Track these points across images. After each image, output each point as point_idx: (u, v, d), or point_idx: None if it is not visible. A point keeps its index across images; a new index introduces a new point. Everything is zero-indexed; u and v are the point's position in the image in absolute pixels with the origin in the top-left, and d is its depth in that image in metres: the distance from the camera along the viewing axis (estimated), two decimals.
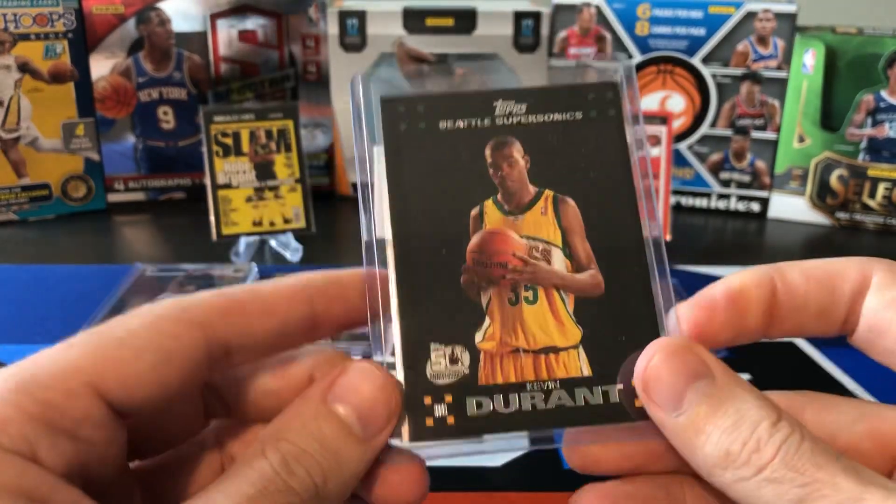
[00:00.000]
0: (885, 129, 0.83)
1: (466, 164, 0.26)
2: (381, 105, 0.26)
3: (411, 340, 0.24)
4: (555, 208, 0.26)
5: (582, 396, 0.24)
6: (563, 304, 0.25)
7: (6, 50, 0.80)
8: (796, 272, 0.25)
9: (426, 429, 0.23)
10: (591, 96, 0.27)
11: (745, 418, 0.21)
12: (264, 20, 0.88)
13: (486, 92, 0.27)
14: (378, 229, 0.25)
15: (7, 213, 0.84)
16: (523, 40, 0.88)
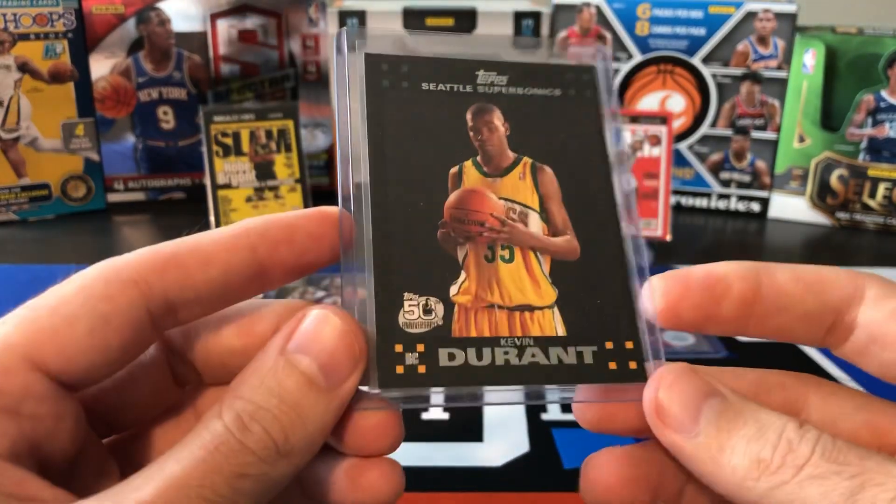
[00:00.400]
0: (885, 129, 0.83)
1: (447, 125, 0.26)
2: (365, 61, 0.26)
3: (384, 288, 0.23)
4: (533, 175, 0.27)
5: (556, 355, 0.24)
6: (538, 265, 0.25)
7: (6, 50, 0.80)
8: (786, 273, 0.25)
9: (396, 376, 0.22)
10: (570, 76, 0.28)
11: (767, 425, 0.21)
12: (264, 20, 0.88)
13: (469, 60, 0.27)
14: (355, 178, 0.25)
15: (7, 213, 0.84)
16: None
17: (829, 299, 0.24)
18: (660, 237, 0.77)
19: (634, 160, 0.78)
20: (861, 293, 0.24)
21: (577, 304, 0.25)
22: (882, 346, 0.24)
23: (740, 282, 0.24)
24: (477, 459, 0.46)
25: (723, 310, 0.24)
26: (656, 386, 0.22)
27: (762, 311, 0.24)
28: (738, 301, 0.24)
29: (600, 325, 0.25)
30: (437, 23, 0.87)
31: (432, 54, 0.27)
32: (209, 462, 0.19)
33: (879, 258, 0.80)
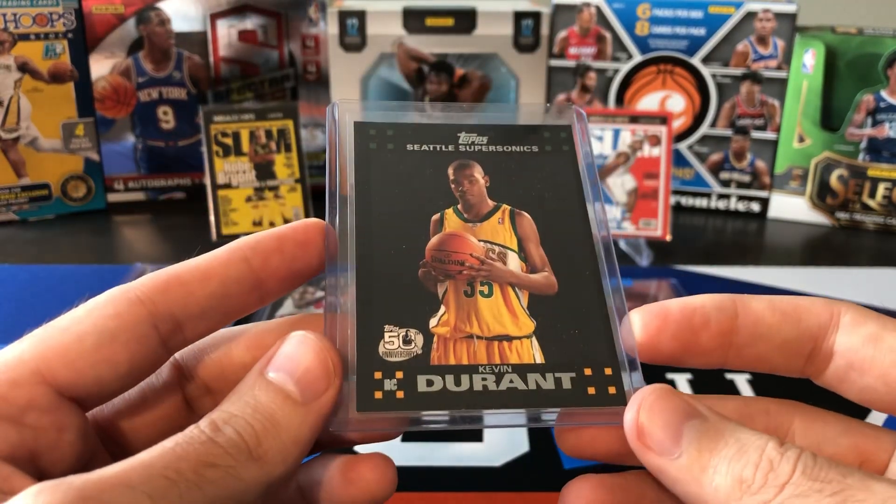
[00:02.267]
0: (885, 129, 0.83)
1: (430, 178, 0.29)
2: (354, 128, 0.29)
3: (365, 320, 0.25)
4: (511, 219, 0.28)
5: (534, 381, 0.25)
6: (517, 299, 0.26)
7: (6, 50, 0.80)
8: (762, 303, 0.25)
9: (374, 401, 0.23)
10: (547, 135, 0.30)
11: (748, 444, 0.21)
12: (264, 20, 0.88)
13: (451, 124, 0.30)
14: (341, 224, 0.27)
15: (7, 213, 0.84)
16: (523, 40, 0.88)
17: (805, 327, 0.25)
18: (660, 237, 0.77)
19: (634, 160, 0.78)
20: (836, 320, 0.25)
21: (555, 334, 0.26)
22: (860, 371, 0.24)
23: (717, 312, 0.25)
24: (477, 459, 0.46)
25: (702, 341, 0.25)
26: (637, 408, 0.23)
27: (740, 342, 0.25)
28: (717, 332, 0.25)
29: (579, 353, 0.25)
30: (437, 23, 0.87)
31: (417, 121, 0.30)
32: (177, 451, 0.20)
33: (879, 258, 0.80)
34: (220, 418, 0.21)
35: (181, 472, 0.19)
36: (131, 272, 0.69)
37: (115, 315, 0.23)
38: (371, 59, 0.88)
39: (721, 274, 0.74)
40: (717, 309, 0.25)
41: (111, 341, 0.22)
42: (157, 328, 0.23)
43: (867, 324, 0.24)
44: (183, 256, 0.26)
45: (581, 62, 0.89)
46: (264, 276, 0.25)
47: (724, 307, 0.25)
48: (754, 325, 0.25)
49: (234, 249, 0.25)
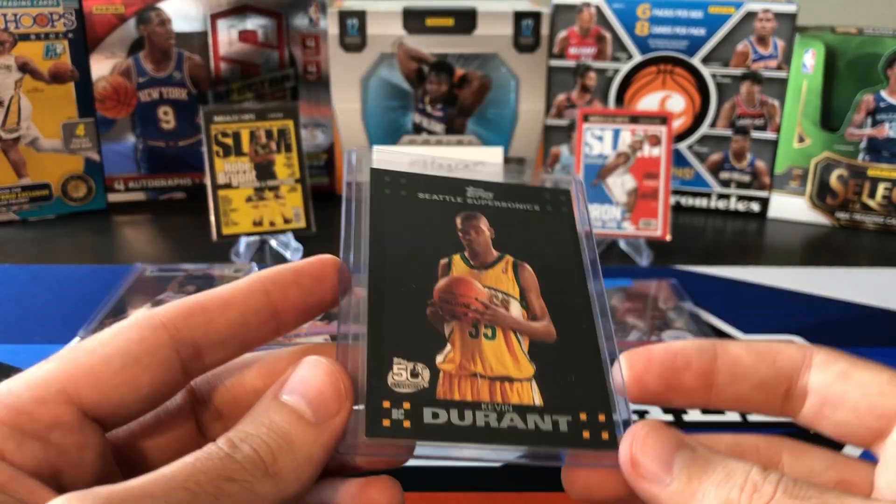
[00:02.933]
0: (884, 129, 0.83)
1: (439, 226, 0.31)
2: (371, 174, 0.31)
3: (376, 352, 0.26)
4: (514, 270, 0.30)
5: (533, 421, 0.26)
6: (518, 343, 0.28)
7: (6, 50, 0.80)
8: (740, 346, 0.27)
9: (382, 428, 0.25)
10: (548, 196, 0.33)
11: (734, 471, 0.23)
12: (264, 20, 0.88)
13: (460, 179, 0.32)
14: (356, 263, 0.29)
15: (7, 212, 0.84)
16: (523, 40, 0.88)
17: (780, 367, 0.27)
18: (659, 237, 0.77)
19: (634, 160, 0.78)
20: (809, 360, 0.27)
21: (553, 379, 0.27)
22: (833, 406, 0.26)
23: (698, 355, 0.27)
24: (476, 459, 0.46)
25: (684, 380, 0.27)
26: (630, 441, 0.25)
27: (721, 381, 0.27)
28: (698, 372, 0.27)
29: (575, 398, 0.27)
30: (437, 23, 0.87)
31: (429, 173, 0.32)
32: (197, 465, 0.21)
33: (879, 258, 0.80)
34: (236, 437, 0.22)
35: (201, 485, 0.20)
36: (131, 272, 0.69)
37: (139, 339, 0.24)
38: (371, 59, 0.88)
39: (721, 274, 0.74)
40: (698, 351, 0.27)
41: (135, 364, 0.23)
42: (178, 353, 0.24)
43: (837, 362, 0.26)
44: (183, 256, 0.26)
45: (581, 62, 0.89)
46: (282, 308, 0.27)
47: (704, 350, 0.27)
48: (733, 366, 0.27)
49: (254, 281, 0.26)
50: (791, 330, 0.63)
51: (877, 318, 0.66)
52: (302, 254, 0.75)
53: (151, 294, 0.64)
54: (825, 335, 0.62)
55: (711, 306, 0.66)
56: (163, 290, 0.65)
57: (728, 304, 0.67)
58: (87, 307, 0.63)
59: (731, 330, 0.63)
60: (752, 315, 0.65)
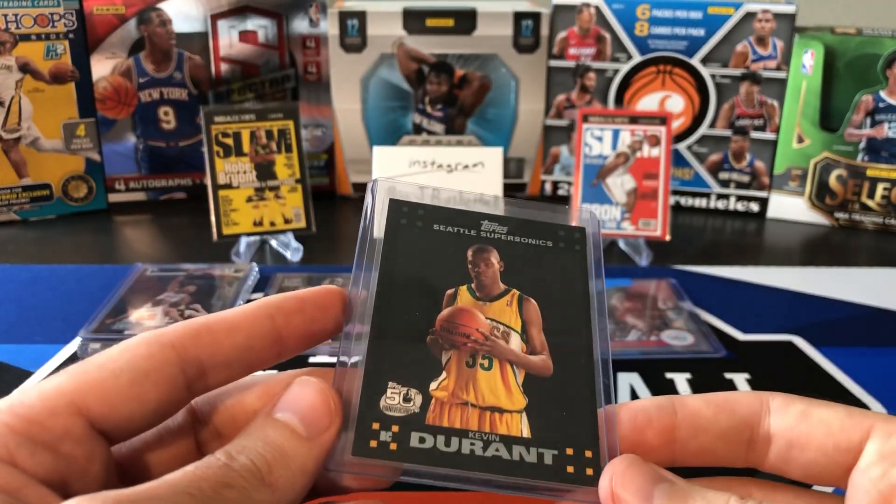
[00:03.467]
0: (883, 130, 0.83)
1: (450, 257, 0.31)
2: (389, 204, 0.32)
3: (372, 374, 0.27)
4: (519, 304, 0.31)
5: (518, 453, 0.27)
6: (514, 376, 0.29)
7: (7, 50, 0.81)
8: (696, 399, 0.28)
9: (369, 448, 0.26)
10: (562, 233, 0.33)
11: (713, 500, 0.23)
12: (265, 21, 0.88)
13: (476, 213, 0.33)
14: (364, 287, 0.29)
15: (8, 213, 0.85)
16: (523, 41, 0.88)
17: (740, 415, 0.27)
18: (659, 237, 0.77)
19: (634, 160, 0.78)
20: (766, 406, 0.27)
21: (544, 413, 0.28)
22: (800, 448, 0.26)
23: (657, 411, 0.27)
24: None
25: (648, 439, 0.27)
26: (610, 475, 0.25)
27: (683, 436, 0.27)
28: (659, 430, 0.27)
29: (563, 433, 0.27)
30: (437, 23, 0.87)
31: (447, 205, 0.33)
32: (198, 473, 0.22)
33: (878, 258, 0.80)
34: (234, 449, 0.24)
35: (202, 490, 0.22)
36: (132, 272, 0.69)
37: (147, 356, 0.25)
38: (371, 59, 0.89)
39: (720, 274, 0.74)
40: (657, 408, 0.27)
41: (143, 380, 0.24)
42: (184, 372, 0.25)
43: (794, 404, 0.27)
44: (183, 256, 0.27)
45: (581, 63, 0.89)
46: (286, 334, 0.28)
47: (662, 406, 0.27)
48: (692, 419, 0.27)
49: (260, 307, 0.27)
50: (790, 330, 0.63)
51: (876, 318, 0.66)
52: (302, 254, 0.76)
53: (152, 294, 0.65)
54: (824, 335, 0.62)
55: (711, 306, 0.66)
56: (163, 290, 0.65)
57: (727, 303, 0.67)
58: (87, 307, 0.63)
59: (731, 330, 0.63)
60: (751, 315, 0.65)
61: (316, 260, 0.75)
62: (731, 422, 0.27)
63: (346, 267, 0.73)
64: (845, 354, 0.59)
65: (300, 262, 0.75)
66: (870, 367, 0.57)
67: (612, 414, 0.28)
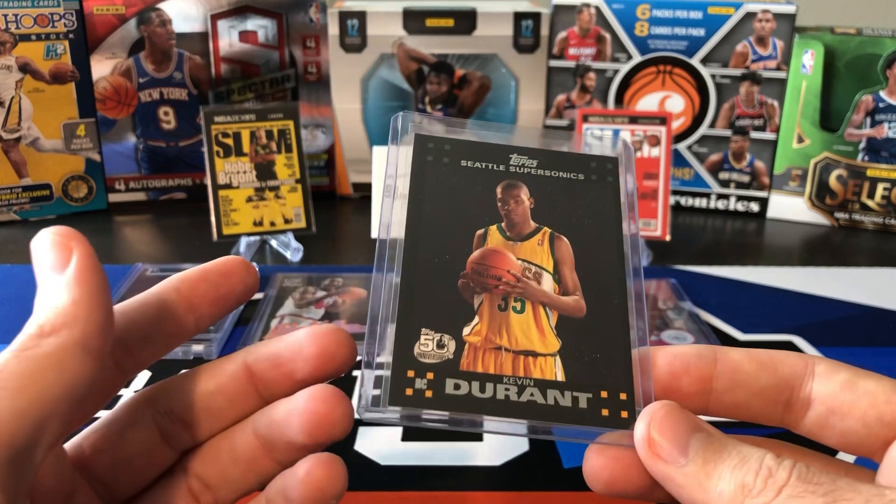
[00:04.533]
0: (883, 130, 0.83)
1: (479, 195, 0.30)
2: (415, 139, 0.31)
3: (404, 321, 0.27)
4: (550, 242, 0.30)
5: (553, 397, 0.26)
6: (546, 318, 0.28)
7: (7, 50, 0.81)
8: (740, 353, 0.27)
9: (405, 397, 0.25)
10: (594, 164, 0.32)
11: (749, 456, 0.23)
12: (265, 21, 0.88)
13: (505, 145, 0.32)
14: (392, 230, 0.29)
15: (8, 213, 0.85)
16: (523, 41, 0.88)
17: (781, 375, 0.27)
18: (659, 237, 0.77)
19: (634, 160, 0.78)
20: (811, 369, 0.27)
21: (578, 355, 0.27)
22: (840, 416, 0.26)
23: (696, 359, 0.27)
24: (476, 459, 0.46)
25: (682, 385, 0.27)
26: (648, 420, 0.25)
27: (720, 388, 0.27)
28: (696, 377, 0.27)
29: (597, 376, 0.27)
30: (437, 23, 0.87)
31: (474, 139, 0.32)
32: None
33: (878, 258, 0.80)
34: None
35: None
36: (132, 272, 0.69)
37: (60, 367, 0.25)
38: (371, 59, 0.89)
39: (720, 274, 0.74)
40: (697, 356, 0.27)
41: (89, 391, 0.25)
42: (114, 356, 0.27)
43: (840, 372, 0.26)
44: (184, 256, 0.27)
45: (581, 63, 0.89)
46: (196, 302, 0.28)
47: (703, 355, 0.27)
48: (732, 372, 0.27)
49: (166, 282, 0.29)
50: (790, 330, 0.63)
51: (876, 318, 0.66)
52: (302, 254, 0.76)
53: None
54: (824, 335, 0.62)
55: (711, 306, 0.66)
56: None
57: (727, 303, 0.67)
58: None
59: (731, 330, 0.63)
60: (751, 315, 0.65)
61: (316, 260, 0.75)
62: (771, 380, 0.27)
63: (346, 267, 0.73)
64: (845, 354, 0.59)
65: (300, 262, 0.75)
66: (870, 367, 0.57)
67: (646, 356, 0.27)
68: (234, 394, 0.28)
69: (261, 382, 0.29)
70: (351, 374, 0.55)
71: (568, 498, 0.43)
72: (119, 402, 0.28)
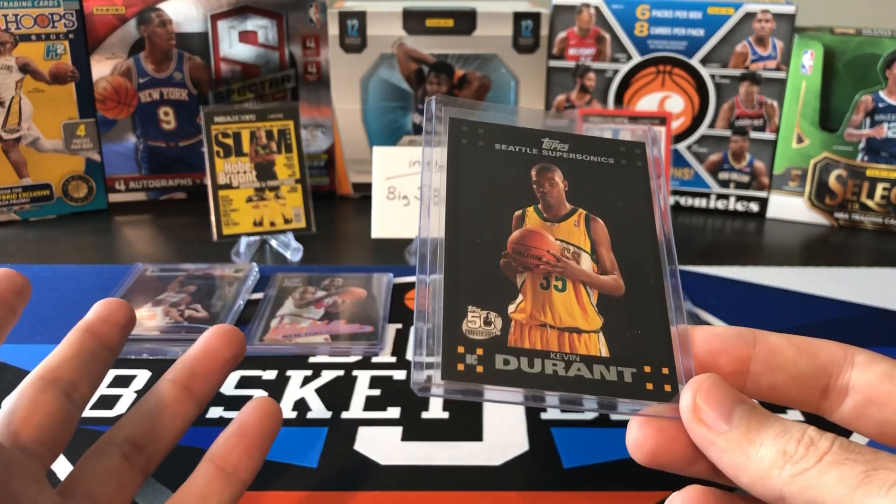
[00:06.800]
0: (883, 130, 0.83)
1: (514, 177, 0.31)
2: (450, 123, 0.32)
3: (451, 300, 0.28)
4: (586, 223, 0.31)
5: (599, 372, 0.27)
6: (587, 296, 0.29)
7: (7, 50, 0.81)
8: (780, 337, 0.28)
9: (457, 372, 0.26)
10: (623, 149, 0.33)
11: (791, 427, 0.24)
12: (265, 21, 0.88)
13: (537, 130, 0.32)
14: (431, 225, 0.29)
15: (8, 213, 0.85)
16: (523, 41, 0.89)
17: (820, 362, 0.27)
18: None
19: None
20: (851, 359, 0.27)
21: (620, 332, 0.28)
22: (878, 406, 0.26)
23: (735, 340, 0.27)
24: (476, 459, 0.46)
25: (719, 364, 0.27)
26: (694, 388, 0.25)
27: (757, 370, 0.27)
28: (734, 357, 0.27)
29: (640, 351, 0.28)
30: (437, 24, 0.88)
31: (506, 122, 0.32)
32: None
33: (878, 258, 0.80)
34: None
35: None
36: (132, 272, 0.69)
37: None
38: (371, 59, 0.89)
39: (720, 274, 0.74)
40: (737, 337, 0.27)
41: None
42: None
43: (880, 363, 0.26)
44: (184, 256, 0.28)
45: (580, 63, 0.89)
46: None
47: (743, 336, 0.27)
48: (771, 356, 0.27)
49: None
50: (790, 330, 0.63)
51: (876, 318, 0.66)
52: (302, 254, 0.76)
53: (152, 294, 0.65)
54: (824, 335, 0.62)
55: (710, 306, 0.66)
56: (164, 290, 0.65)
57: (727, 303, 0.67)
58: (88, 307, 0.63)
59: None
60: (751, 315, 0.66)
61: (316, 260, 0.75)
62: (810, 367, 0.27)
63: (346, 267, 0.73)
64: None
65: (300, 262, 0.75)
66: None
67: (685, 333, 0.28)
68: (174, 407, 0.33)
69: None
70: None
71: (568, 498, 0.43)
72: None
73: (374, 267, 0.73)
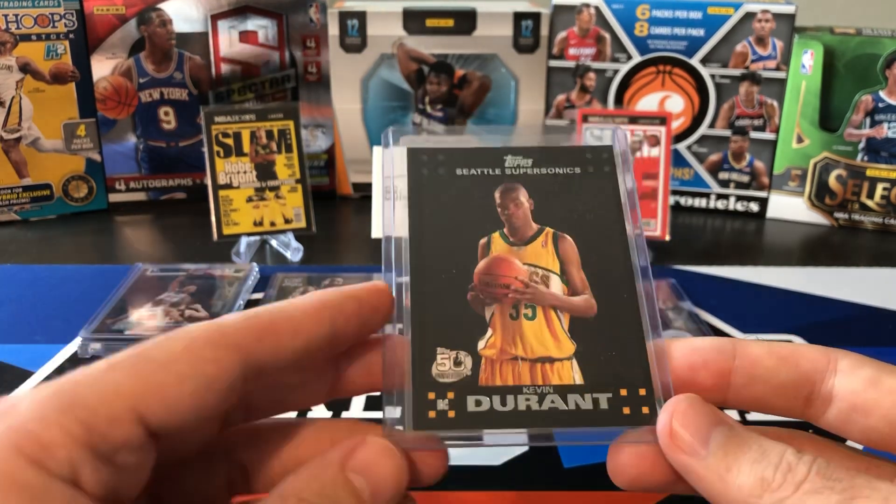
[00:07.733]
0: (883, 130, 0.83)
1: (478, 203, 0.30)
2: (408, 154, 0.31)
3: (419, 345, 0.27)
4: (554, 242, 0.30)
5: (574, 401, 0.26)
6: (559, 321, 0.28)
7: (7, 50, 0.81)
8: (760, 347, 0.27)
9: (428, 420, 0.25)
10: (589, 156, 0.32)
11: (769, 450, 0.23)
12: (265, 21, 0.88)
13: (498, 148, 0.31)
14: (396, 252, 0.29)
15: (8, 213, 0.85)
16: (523, 41, 0.89)
17: (802, 370, 0.26)
18: (659, 237, 0.77)
19: (633, 161, 0.78)
20: (834, 365, 0.26)
21: (594, 356, 0.27)
22: (864, 413, 0.25)
23: (715, 353, 0.27)
24: (476, 458, 0.46)
25: (701, 379, 0.27)
26: (670, 413, 0.25)
27: (739, 382, 0.27)
28: (714, 371, 0.27)
29: (615, 374, 0.27)
30: (437, 24, 0.88)
31: (466, 145, 0.32)
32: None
33: (878, 258, 0.80)
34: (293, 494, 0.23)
35: None
36: (133, 272, 0.69)
37: (213, 360, 0.23)
38: (371, 59, 0.89)
39: (720, 274, 0.74)
40: (716, 350, 0.27)
41: (206, 389, 0.22)
42: (245, 379, 0.24)
43: (864, 368, 0.26)
44: (184, 256, 0.27)
45: (580, 63, 0.89)
46: (341, 337, 0.27)
47: (722, 349, 0.27)
48: (751, 367, 0.26)
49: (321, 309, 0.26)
50: (790, 330, 0.63)
51: (875, 318, 0.66)
52: (302, 254, 0.76)
53: (152, 294, 0.65)
54: (824, 335, 0.62)
55: (710, 306, 0.67)
56: (164, 290, 0.65)
57: (727, 303, 0.67)
58: (88, 307, 0.63)
59: (730, 329, 0.63)
60: (750, 315, 0.66)
61: (316, 260, 0.75)
62: (792, 376, 0.26)
63: (346, 267, 0.73)
64: None
65: (300, 262, 0.75)
66: None
67: (661, 348, 0.27)
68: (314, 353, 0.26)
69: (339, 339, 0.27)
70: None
71: (568, 498, 0.43)
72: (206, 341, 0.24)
73: (375, 267, 0.73)
